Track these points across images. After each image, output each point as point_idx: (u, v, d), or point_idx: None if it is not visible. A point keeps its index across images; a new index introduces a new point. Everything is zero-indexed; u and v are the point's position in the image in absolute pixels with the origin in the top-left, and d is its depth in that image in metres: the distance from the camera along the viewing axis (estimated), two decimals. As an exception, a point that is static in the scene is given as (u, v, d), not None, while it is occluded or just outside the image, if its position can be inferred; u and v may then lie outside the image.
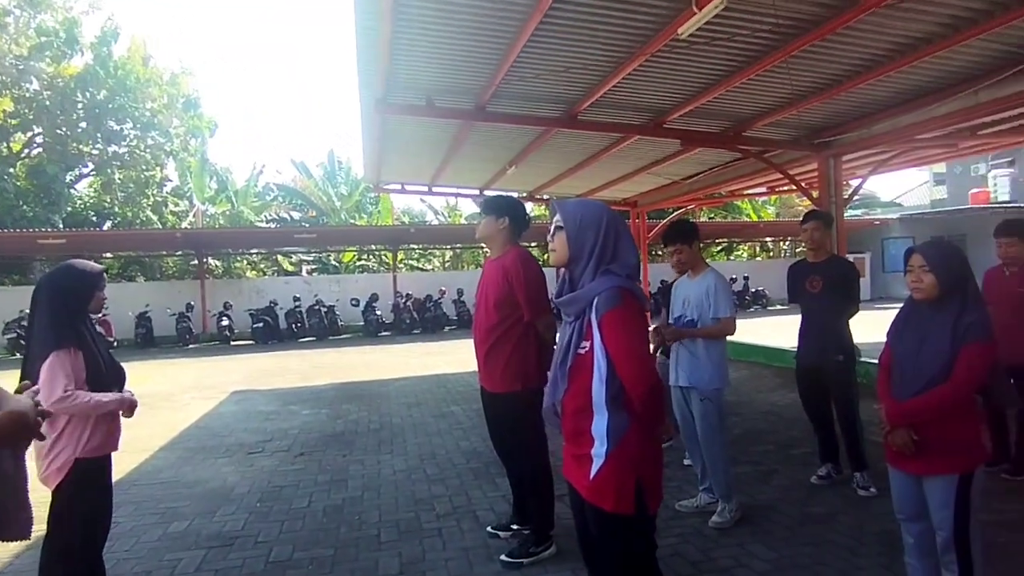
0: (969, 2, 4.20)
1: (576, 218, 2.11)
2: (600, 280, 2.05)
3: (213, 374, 11.77)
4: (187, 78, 24.72)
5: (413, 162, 9.87)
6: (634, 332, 2.01)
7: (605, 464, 2.00)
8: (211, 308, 18.91)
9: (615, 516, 2.01)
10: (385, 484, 4.93)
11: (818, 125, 7.45)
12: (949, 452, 2.37)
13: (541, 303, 3.42)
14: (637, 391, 1.97)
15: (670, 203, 13.62)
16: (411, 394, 8.84)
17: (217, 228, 23.18)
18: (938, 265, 2.39)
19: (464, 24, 4.74)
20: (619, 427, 2.00)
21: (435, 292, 19.98)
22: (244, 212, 24.73)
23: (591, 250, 2.07)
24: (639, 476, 2.01)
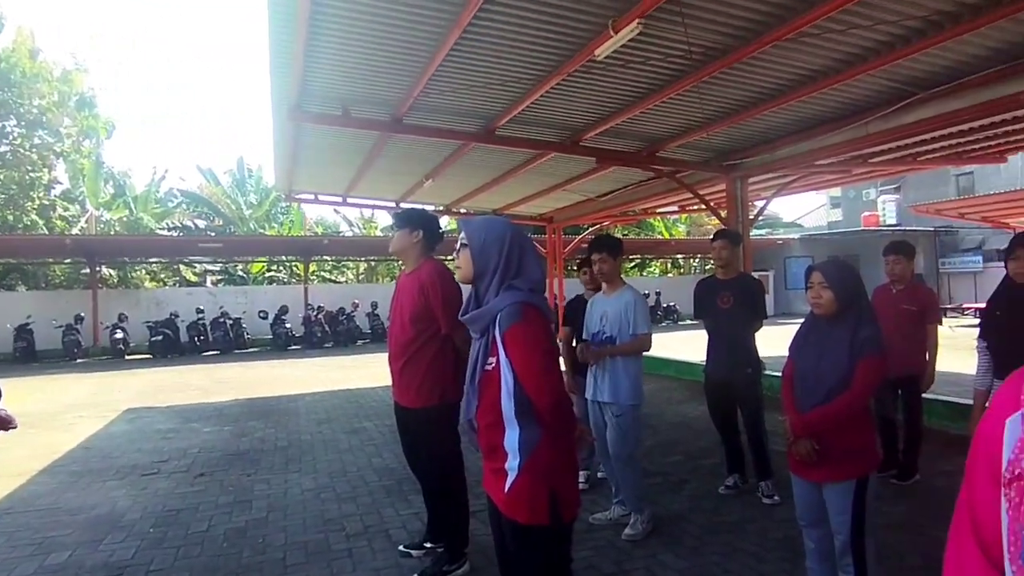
0: (860, 40, 4.54)
1: (480, 235, 2.13)
2: (503, 296, 2.08)
3: (104, 391, 10.95)
4: (81, 75, 23.11)
5: (327, 172, 9.62)
6: (537, 346, 2.02)
7: (519, 477, 2.02)
8: (104, 320, 17.65)
9: (530, 528, 2.02)
10: (292, 504, 4.71)
11: (726, 148, 7.83)
12: (847, 460, 2.52)
13: (458, 315, 3.38)
14: (543, 403, 2.00)
15: (585, 219, 13.93)
16: (322, 410, 8.53)
17: (113, 235, 21.71)
18: (836, 282, 2.54)
19: (383, 35, 4.68)
20: (530, 440, 2.02)
21: (348, 305, 19.53)
22: (144, 219, 23.30)
23: (495, 267, 2.09)
24: (552, 487, 2.02)
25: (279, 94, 5.91)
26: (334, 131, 7.10)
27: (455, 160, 8.38)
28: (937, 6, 3.98)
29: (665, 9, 4.06)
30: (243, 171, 27.71)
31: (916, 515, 4.09)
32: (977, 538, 0.80)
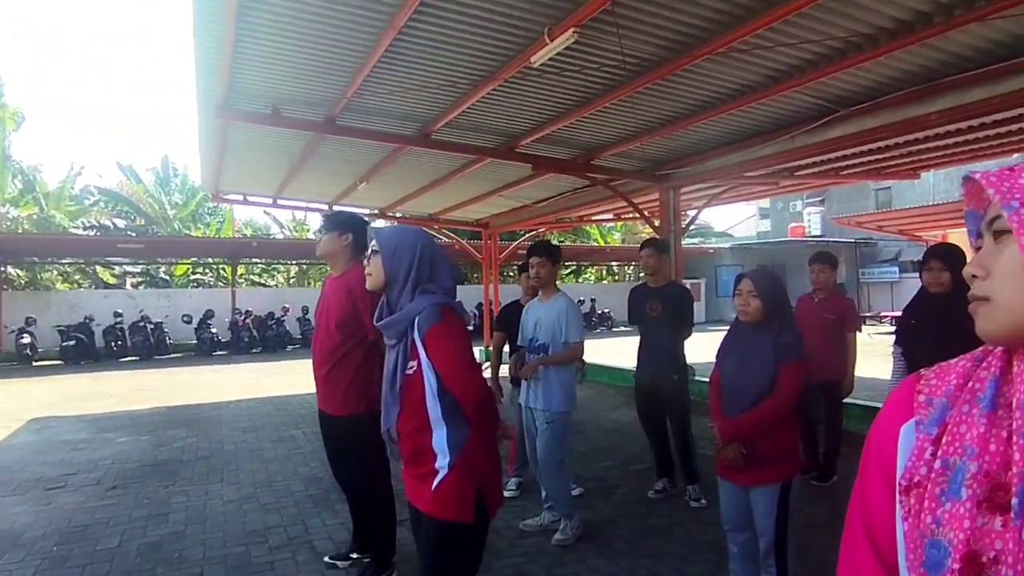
0: (786, 58, 4.73)
1: (392, 242, 2.14)
2: (419, 300, 2.09)
3: (7, 399, 10.20)
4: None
5: (257, 172, 9.31)
6: (458, 345, 2.06)
7: (448, 475, 2.03)
8: (9, 323, 16.49)
9: (453, 525, 2.04)
10: (212, 516, 4.50)
11: (660, 158, 8.02)
12: (773, 463, 2.59)
13: None
14: (468, 401, 2.04)
15: (522, 226, 14.00)
16: (247, 418, 8.22)
17: (19, 233, 20.33)
18: (764, 291, 2.62)
19: (315, 34, 4.56)
20: (459, 438, 2.05)
21: (278, 309, 18.94)
22: (56, 217, 21.91)
23: (407, 273, 2.10)
24: (480, 485, 2.06)
25: (205, 91, 5.67)
26: (264, 130, 6.88)
27: (390, 163, 8.27)
28: (857, 28, 4.19)
29: (600, 20, 4.11)
30: (168, 169, 26.51)
31: (836, 515, 4.24)
32: (869, 539, 0.80)
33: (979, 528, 0.66)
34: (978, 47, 4.45)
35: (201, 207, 26.09)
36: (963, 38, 4.31)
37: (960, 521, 0.68)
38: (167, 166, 26.62)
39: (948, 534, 0.68)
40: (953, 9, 3.88)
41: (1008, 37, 4.28)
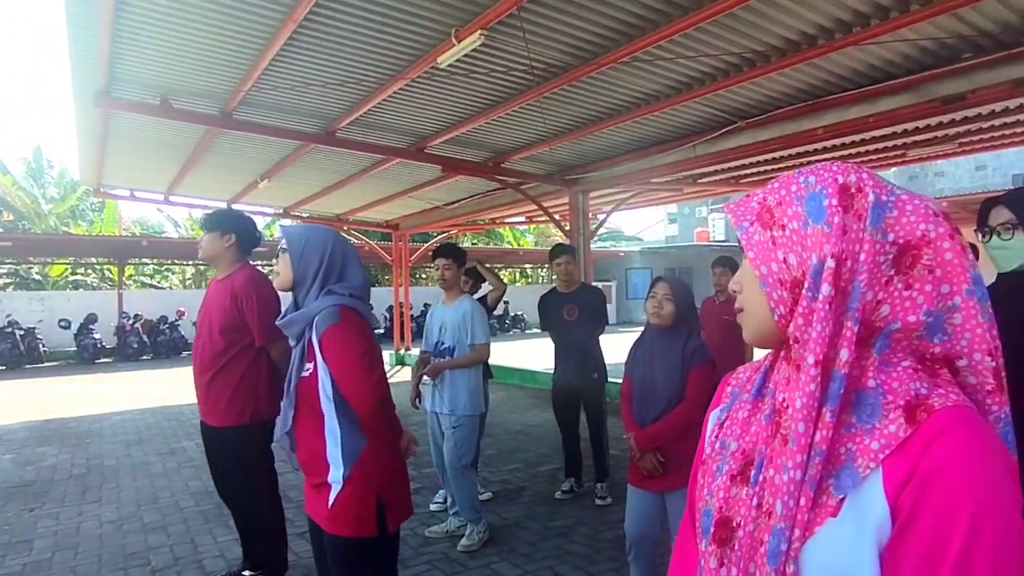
0: (687, 70, 4.91)
1: (301, 241, 2.06)
2: (321, 300, 2.01)
3: None
4: None
5: (145, 167, 8.69)
6: (354, 348, 1.96)
7: (343, 489, 1.93)
8: None
9: (357, 541, 1.94)
10: (86, 540, 4.13)
11: (569, 163, 8.14)
12: (687, 466, 2.63)
13: (275, 328, 3.13)
14: (362, 408, 1.94)
15: (433, 227, 13.86)
16: (132, 430, 7.65)
17: None
18: (679, 296, 2.69)
19: (205, 21, 4.28)
20: (354, 448, 1.95)
21: (172, 313, 17.83)
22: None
23: (315, 273, 2.03)
24: (379, 494, 1.97)
25: (82, 77, 5.22)
26: (153, 122, 6.42)
27: (294, 161, 7.94)
28: (750, 45, 4.40)
29: (507, 23, 4.11)
30: (41, 161, 24.35)
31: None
32: (689, 512, 0.93)
33: (732, 498, 0.79)
34: (856, 69, 4.79)
35: (82, 203, 24.17)
36: (843, 60, 4.63)
37: (719, 492, 0.82)
38: (40, 157, 24.47)
39: (713, 503, 0.82)
40: (834, 33, 4.16)
41: (881, 62, 4.63)
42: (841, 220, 0.74)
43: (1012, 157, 23.27)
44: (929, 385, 0.72)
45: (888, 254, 0.73)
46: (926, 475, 0.66)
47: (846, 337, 0.72)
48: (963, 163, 23.66)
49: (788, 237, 0.77)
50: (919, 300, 0.73)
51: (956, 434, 0.67)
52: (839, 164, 0.79)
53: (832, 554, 0.69)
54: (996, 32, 4.15)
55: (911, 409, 0.70)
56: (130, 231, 25.06)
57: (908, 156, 7.10)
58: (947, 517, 0.64)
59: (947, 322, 0.73)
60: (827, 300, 0.72)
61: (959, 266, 0.72)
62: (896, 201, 0.75)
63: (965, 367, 0.74)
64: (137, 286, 23.08)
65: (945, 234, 0.73)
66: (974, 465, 0.65)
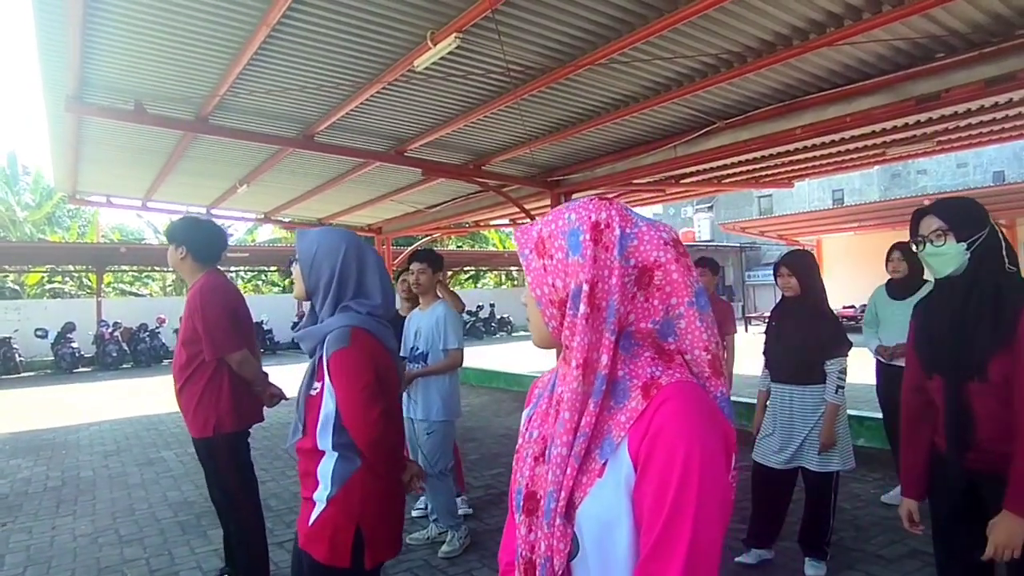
0: (663, 71, 4.91)
1: (311, 249, 1.95)
2: (337, 317, 1.92)
3: None
4: None
5: (121, 172, 8.56)
6: (359, 377, 1.86)
7: (325, 509, 1.85)
8: None
9: (325, 568, 1.84)
10: (60, 554, 4.05)
11: (549, 165, 8.12)
12: None
13: (224, 339, 3.07)
14: (361, 439, 1.85)
15: (416, 231, 13.78)
16: (110, 440, 7.54)
17: None
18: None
19: (177, 25, 4.21)
20: (345, 471, 1.86)
21: (152, 320, 17.63)
22: None
23: (327, 284, 1.92)
24: (360, 525, 1.85)
25: (52, 82, 5.13)
26: (128, 127, 6.31)
27: (272, 165, 7.85)
28: (726, 46, 4.41)
29: (482, 26, 4.09)
30: (15, 168, 24.01)
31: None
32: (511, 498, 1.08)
33: (535, 475, 0.97)
34: (832, 69, 4.82)
35: (59, 209, 23.86)
36: (818, 60, 4.65)
37: (526, 471, 0.99)
38: (14, 164, 24.12)
39: (523, 482, 0.99)
40: (808, 33, 4.18)
41: (856, 62, 4.66)
42: (592, 252, 0.92)
43: (992, 154, 23.67)
44: (663, 369, 0.92)
45: (631, 275, 0.92)
46: (654, 431, 0.85)
47: (604, 345, 0.91)
48: (944, 161, 24.02)
49: (555, 265, 0.95)
50: (651, 311, 0.93)
51: (676, 399, 0.87)
52: (595, 202, 0.97)
53: (599, 507, 0.88)
54: (966, 32, 4.19)
55: (647, 387, 0.90)
56: (108, 238, 24.74)
57: (888, 155, 7.15)
58: (667, 459, 0.83)
59: (676, 326, 0.94)
60: (584, 316, 0.90)
61: (682, 283, 0.93)
62: (638, 232, 0.94)
63: (691, 360, 0.94)
64: (116, 294, 22.81)
65: (672, 259, 0.93)
66: (686, 419, 0.85)
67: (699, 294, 0.93)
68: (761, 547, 3.54)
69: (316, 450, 1.90)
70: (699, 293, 0.93)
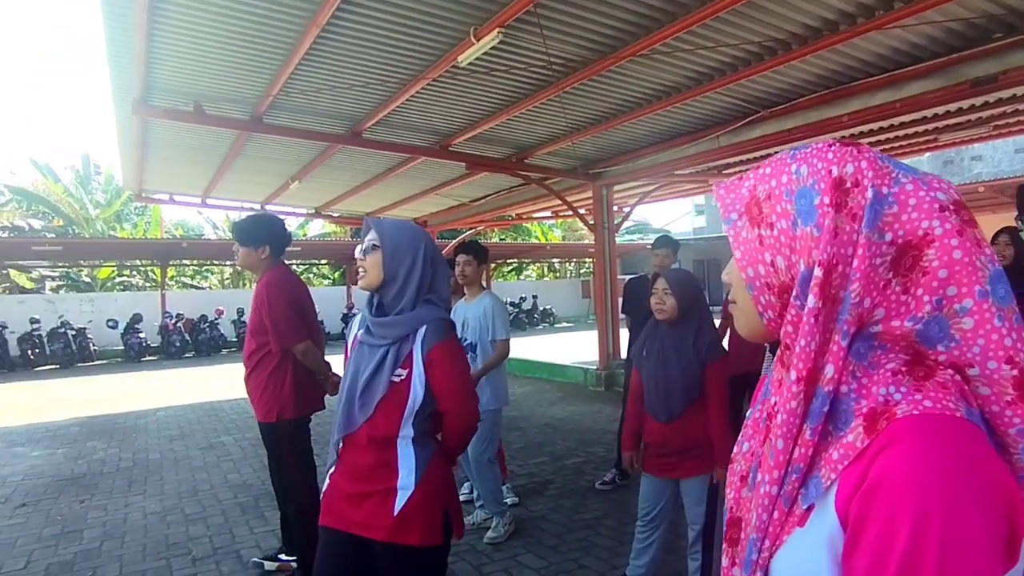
0: (706, 60, 4.88)
1: (394, 239, 1.94)
2: (425, 309, 1.94)
3: (-91, 414, 9.55)
4: None
5: (182, 171, 8.98)
6: (462, 368, 1.98)
7: (413, 495, 1.87)
8: (-88, 333, 15.43)
9: (420, 550, 1.87)
10: (132, 530, 4.32)
11: (591, 157, 8.14)
12: (703, 455, 2.67)
13: (289, 331, 3.22)
14: (461, 425, 1.95)
15: (461, 224, 13.97)
16: (175, 425, 7.93)
17: (-76, 235, 19.01)
18: (677, 289, 2.70)
19: (233, 29, 4.43)
20: (425, 456, 1.91)
21: (211, 312, 18.33)
22: (-37, 218, 20.57)
23: (407, 275, 1.93)
24: (445, 505, 1.93)
25: (120, 86, 5.44)
26: (188, 128, 6.64)
27: (322, 162, 8.11)
28: (770, 33, 4.36)
29: (524, 20, 4.15)
30: (89, 168, 25.24)
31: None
32: None
33: (741, 498, 0.80)
34: (881, 54, 4.70)
35: (127, 207, 24.96)
36: (867, 45, 4.55)
37: (731, 492, 0.82)
38: (88, 164, 25.36)
39: (728, 503, 0.83)
40: (856, 17, 4.09)
41: (906, 45, 4.54)
42: (832, 223, 0.67)
43: (1053, 138, 22.33)
44: (908, 389, 0.65)
45: (886, 256, 0.67)
46: (872, 483, 0.61)
47: (832, 351, 0.67)
48: (1002, 146, 22.82)
49: (776, 238, 0.71)
50: (911, 305, 0.67)
51: (911, 440, 0.61)
52: (837, 148, 0.72)
53: (797, 564, 0.67)
54: (1027, 11, 4.04)
55: (873, 417, 0.65)
56: (171, 233, 25.80)
57: (940, 141, 6.93)
58: (887, 526, 0.58)
59: (954, 327, 0.66)
60: (812, 312, 0.67)
61: (969, 265, 0.65)
62: (899, 193, 0.68)
63: (977, 376, 0.66)
64: (179, 286, 23.78)
65: (952, 230, 0.66)
66: (923, 470, 0.58)
67: (995, 280, 0.65)
68: None
69: (393, 437, 1.90)
70: (996, 279, 0.65)
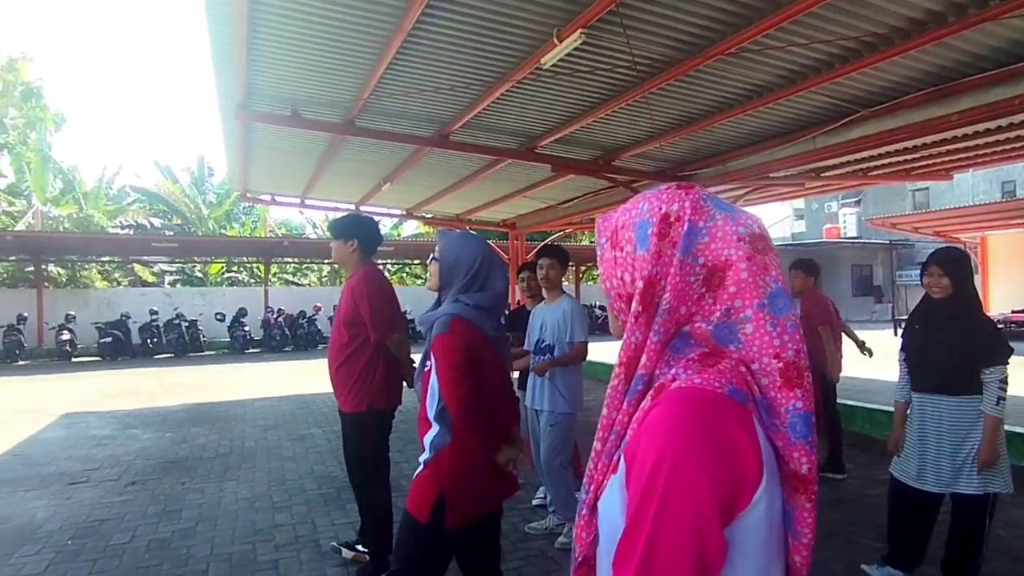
0: (799, 58, 4.62)
1: (452, 253, 2.29)
2: (444, 306, 2.25)
3: (44, 394, 10.58)
4: (27, 64, 22.21)
5: (282, 173, 9.46)
6: (450, 360, 2.15)
7: (422, 471, 2.20)
8: (49, 320, 17.08)
9: (410, 518, 2.18)
10: (224, 514, 4.59)
11: (680, 159, 7.91)
12: None
13: (386, 321, 3.40)
14: (452, 411, 2.15)
15: (549, 226, 13.93)
16: (270, 416, 8.37)
17: (59, 232, 21.00)
18: None
19: (325, 36, 4.61)
20: (441, 441, 2.18)
21: (309, 308, 19.26)
22: (95, 216, 22.61)
23: (457, 283, 2.26)
24: (444, 491, 2.13)
25: (224, 92, 5.78)
26: (286, 131, 6.97)
27: (412, 164, 8.31)
28: (869, 28, 4.07)
29: (607, 20, 4.08)
30: (203, 170, 27.16)
31: (847, 523, 4.16)
32: None
33: None
34: (996, 47, 4.28)
35: (235, 207, 26.66)
36: (979, 37, 4.15)
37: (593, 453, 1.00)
38: (202, 166, 27.29)
39: None
40: (967, 8, 3.74)
41: (1030, 35, 4.11)
42: (655, 247, 0.88)
43: None
44: (691, 372, 0.85)
45: (699, 275, 0.86)
46: (635, 433, 0.84)
47: (648, 346, 0.87)
48: None
49: (624, 258, 0.92)
50: (711, 312, 0.86)
51: (669, 404, 0.81)
52: (671, 191, 0.91)
53: (608, 502, 0.87)
54: None
55: (660, 389, 0.85)
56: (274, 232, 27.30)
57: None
58: (639, 466, 0.78)
59: (740, 332, 0.85)
60: (634, 314, 0.88)
61: (751, 284, 0.84)
62: (712, 227, 0.87)
63: (758, 370, 0.85)
64: (280, 283, 25.11)
65: (743, 256, 0.85)
66: (668, 427, 0.78)
67: (775, 296, 0.84)
68: (899, 569, 3.26)
69: (427, 420, 2.23)
70: (775, 295, 0.84)
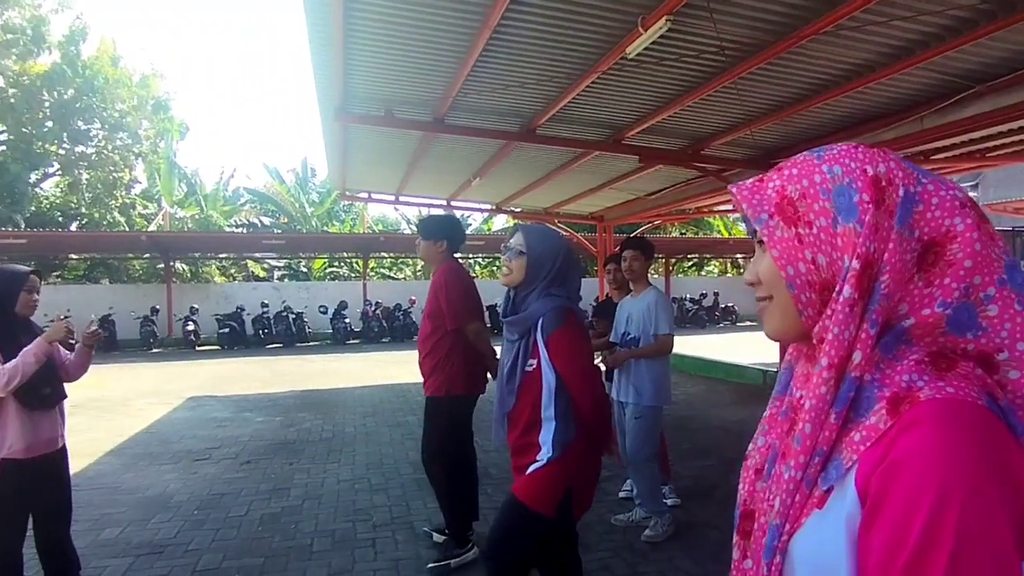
0: (904, 33, 4.34)
1: (539, 247, 2.28)
2: (543, 302, 2.21)
3: (173, 379, 11.59)
4: (157, 80, 24.33)
5: (378, 171, 9.87)
6: (580, 350, 2.17)
7: (544, 467, 2.13)
8: (177, 312, 18.64)
9: (528, 512, 2.13)
10: (327, 493, 4.90)
11: (772, 146, 7.60)
12: None
13: (464, 311, 3.57)
14: (586, 403, 2.13)
15: (637, 218, 13.73)
16: (368, 403, 8.79)
17: (184, 232, 22.86)
18: None
19: (414, 38, 4.78)
20: (565, 438, 2.14)
21: (405, 301, 19.95)
22: (213, 216, 24.44)
23: (544, 276, 2.24)
24: (572, 487, 2.16)
25: (324, 96, 6.11)
26: (380, 131, 7.28)
27: (500, 159, 8.44)
28: (986, -6, 3.77)
29: (693, 5, 3.99)
30: (306, 170, 28.66)
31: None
32: None
33: (755, 491, 0.83)
34: None
35: (336, 205, 27.97)
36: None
37: (746, 485, 0.87)
38: (306, 167, 28.79)
39: (742, 496, 0.88)
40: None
41: None
42: (873, 218, 0.70)
43: None
44: (931, 377, 0.67)
45: (913, 252, 0.70)
46: (893, 462, 0.62)
47: (862, 339, 0.69)
48: None
49: (816, 235, 0.73)
50: (936, 294, 0.69)
51: (935, 422, 0.62)
52: (863, 149, 0.75)
53: (816, 544, 0.69)
54: None
55: (896, 401, 0.67)
56: (372, 229, 28.44)
57: None
58: (908, 505, 0.59)
59: (981, 315, 0.69)
60: (848, 303, 0.69)
61: (988, 256, 0.69)
62: (922, 193, 0.71)
63: (1007, 360, 0.68)
64: (378, 277, 26.13)
65: (973, 225, 0.69)
66: (946, 451, 0.60)
67: (1010, 269, 0.69)
68: None
69: (536, 422, 2.17)
70: (1012, 267, 0.69)
